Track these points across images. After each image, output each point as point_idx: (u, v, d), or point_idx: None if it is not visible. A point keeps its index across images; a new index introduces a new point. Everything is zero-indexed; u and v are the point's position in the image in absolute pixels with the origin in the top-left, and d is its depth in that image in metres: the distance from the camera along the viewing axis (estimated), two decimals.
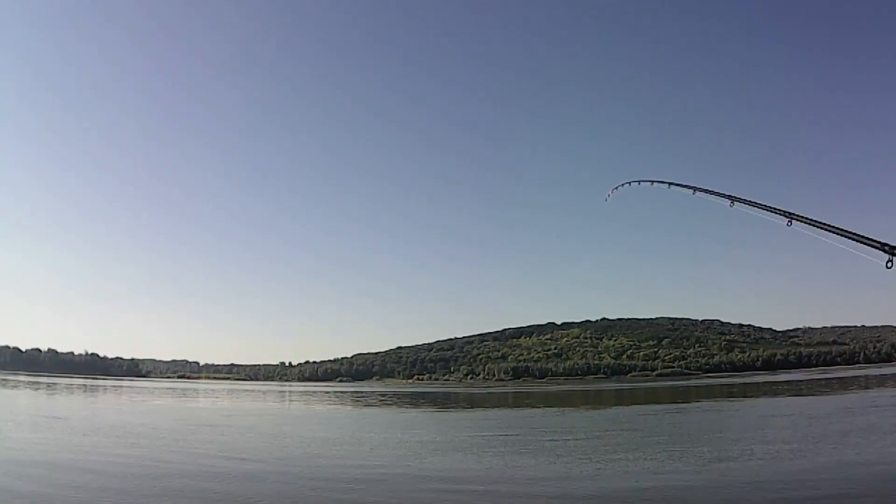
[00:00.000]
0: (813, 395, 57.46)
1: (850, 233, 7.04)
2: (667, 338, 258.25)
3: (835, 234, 7.24)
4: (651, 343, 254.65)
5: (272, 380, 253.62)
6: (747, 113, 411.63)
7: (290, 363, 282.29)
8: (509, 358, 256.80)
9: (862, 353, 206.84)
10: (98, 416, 41.43)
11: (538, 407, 56.13)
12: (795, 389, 69.05)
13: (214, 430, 31.30)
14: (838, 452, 19.64)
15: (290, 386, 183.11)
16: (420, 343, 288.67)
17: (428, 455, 21.96)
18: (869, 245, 6.67)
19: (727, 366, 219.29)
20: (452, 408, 58.64)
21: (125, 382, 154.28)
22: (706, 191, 10.40)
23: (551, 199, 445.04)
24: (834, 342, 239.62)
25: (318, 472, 18.27)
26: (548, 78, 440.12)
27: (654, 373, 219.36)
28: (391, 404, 63.91)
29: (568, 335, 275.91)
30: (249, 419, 42.10)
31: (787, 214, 8.15)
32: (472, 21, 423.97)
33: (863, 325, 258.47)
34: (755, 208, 8.85)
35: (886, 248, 6.43)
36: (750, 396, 61.68)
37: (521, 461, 20.39)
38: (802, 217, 7.88)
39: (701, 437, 26.05)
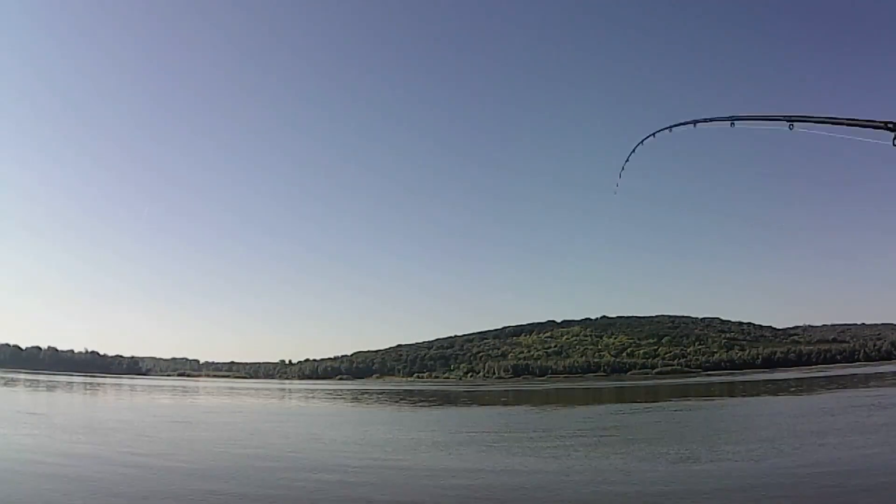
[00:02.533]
0: (799, 394, 57.50)
1: (852, 120, 6.81)
2: (667, 336, 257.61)
3: (838, 126, 7.02)
4: (651, 341, 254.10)
5: (272, 378, 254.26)
6: (750, 111, 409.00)
7: (290, 361, 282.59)
8: (509, 356, 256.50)
9: (862, 351, 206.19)
10: (79, 412, 41.87)
11: (512, 405, 56.81)
12: (784, 388, 69.07)
13: (186, 427, 31.86)
14: (796, 454, 19.74)
15: (289, 384, 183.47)
16: (420, 341, 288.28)
17: (369, 454, 22.11)
18: (873, 127, 6.43)
19: (727, 364, 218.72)
20: (437, 405, 58.97)
21: (125, 380, 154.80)
22: (706, 120, 10.15)
23: (551, 196, 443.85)
24: (834, 340, 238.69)
25: (228, 473, 17.96)
26: (550, 76, 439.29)
27: (654, 371, 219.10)
28: (380, 402, 64.16)
29: (568, 333, 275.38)
30: (228, 416, 42.53)
31: (787, 118, 7.75)
32: (474, 20, 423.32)
33: (863, 323, 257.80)
34: (756, 122, 8.50)
35: (891, 125, 6.24)
36: (737, 395, 61.87)
37: (458, 460, 20.70)
38: (803, 117, 7.53)
39: (671, 436, 26.09)
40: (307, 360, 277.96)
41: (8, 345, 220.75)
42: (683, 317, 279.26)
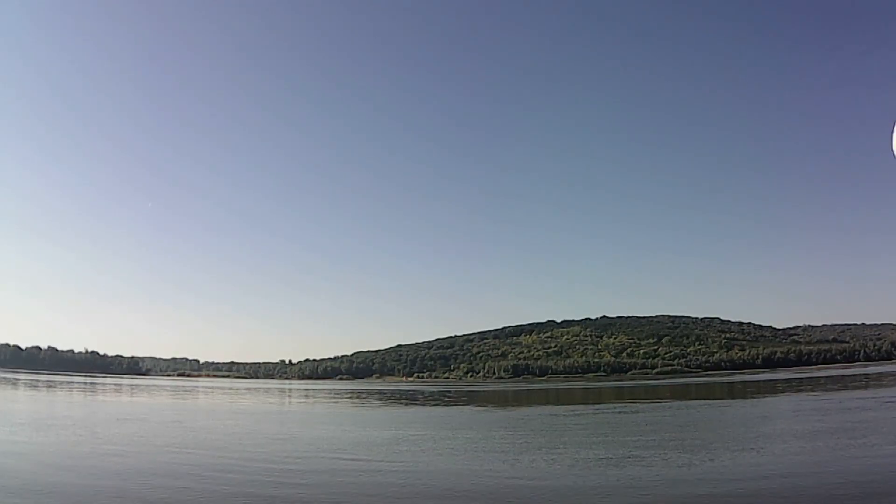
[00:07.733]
0: (787, 394, 57.45)
1: None
2: (667, 336, 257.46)
3: None
4: (651, 341, 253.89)
5: (272, 378, 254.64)
6: (751, 111, 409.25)
7: (290, 361, 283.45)
8: (509, 356, 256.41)
9: (862, 351, 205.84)
10: (32, 409, 42.62)
11: (469, 405, 57.41)
12: (774, 389, 68.99)
13: (133, 424, 32.77)
14: (730, 458, 19.92)
15: (288, 384, 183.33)
16: (420, 341, 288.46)
17: (302, 454, 22.54)
18: None
19: (727, 364, 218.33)
20: (421, 405, 59.28)
21: (124, 380, 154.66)
22: None
23: (552, 196, 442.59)
24: (834, 340, 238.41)
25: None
26: (550, 75, 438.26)
27: (654, 371, 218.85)
28: (369, 402, 64.23)
29: (568, 333, 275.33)
30: (188, 414, 43.31)
31: None
32: (473, 19, 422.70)
33: (863, 323, 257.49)
34: None
35: None
36: (727, 397, 61.56)
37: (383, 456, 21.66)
38: None
39: (622, 437, 26.31)
40: (307, 360, 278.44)
41: (8, 345, 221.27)
42: (683, 317, 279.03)
